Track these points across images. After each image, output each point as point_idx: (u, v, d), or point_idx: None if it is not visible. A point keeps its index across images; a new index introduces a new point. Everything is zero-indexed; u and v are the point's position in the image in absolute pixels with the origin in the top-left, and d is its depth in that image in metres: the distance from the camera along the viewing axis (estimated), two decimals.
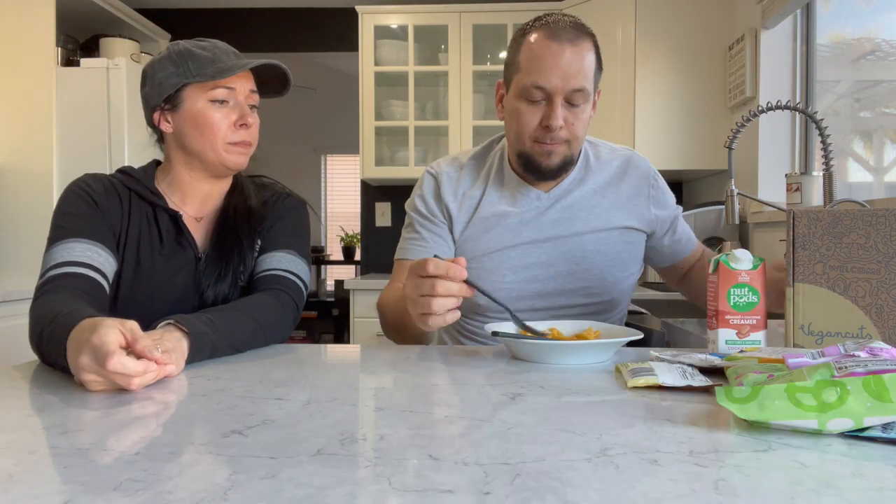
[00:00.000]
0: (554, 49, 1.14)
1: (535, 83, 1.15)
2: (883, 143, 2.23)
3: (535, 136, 1.19)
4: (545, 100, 1.16)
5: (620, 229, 1.29)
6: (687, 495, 0.44)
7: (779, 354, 0.71)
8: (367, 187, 3.70)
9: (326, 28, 3.86)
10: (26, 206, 2.83)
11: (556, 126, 1.16)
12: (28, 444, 0.55)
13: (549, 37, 1.15)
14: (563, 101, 1.16)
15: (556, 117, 1.15)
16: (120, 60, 2.89)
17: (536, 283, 1.26)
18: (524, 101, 1.18)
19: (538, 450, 0.53)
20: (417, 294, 0.91)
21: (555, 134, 1.17)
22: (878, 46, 2.23)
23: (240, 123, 1.16)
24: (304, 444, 0.55)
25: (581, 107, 1.17)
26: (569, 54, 1.14)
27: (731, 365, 0.75)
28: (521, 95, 1.17)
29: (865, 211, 0.84)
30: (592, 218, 1.28)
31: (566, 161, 1.22)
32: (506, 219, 1.27)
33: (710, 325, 0.96)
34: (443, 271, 0.89)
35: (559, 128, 1.16)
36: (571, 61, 1.14)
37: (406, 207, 1.38)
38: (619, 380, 0.80)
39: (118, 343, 0.75)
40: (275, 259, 1.18)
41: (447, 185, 1.32)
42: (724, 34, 2.82)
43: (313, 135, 6.70)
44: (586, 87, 1.15)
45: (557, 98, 1.15)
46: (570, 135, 1.18)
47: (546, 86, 1.14)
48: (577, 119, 1.18)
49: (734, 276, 0.92)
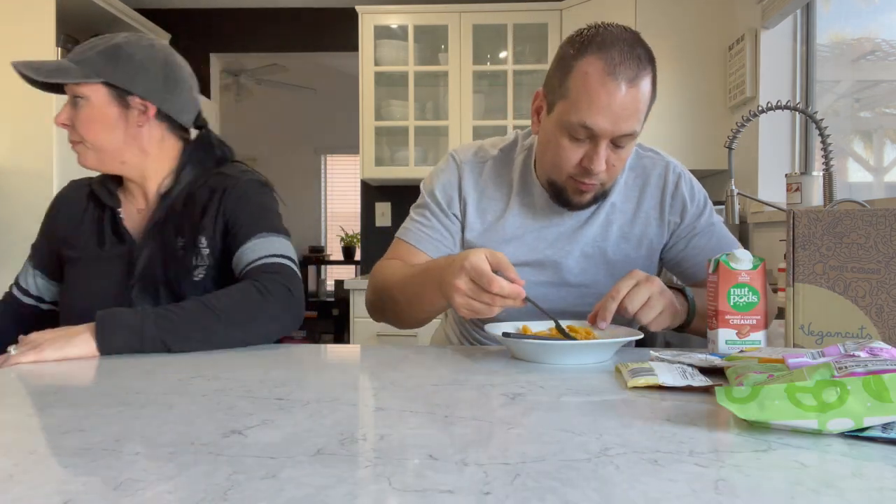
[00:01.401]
0: (610, 88, 1.01)
1: (582, 122, 1.04)
2: (883, 143, 2.23)
3: (572, 174, 1.11)
4: (589, 139, 1.06)
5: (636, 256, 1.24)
6: (687, 495, 0.44)
7: (779, 354, 0.71)
8: (367, 187, 3.70)
9: (326, 28, 3.86)
10: (26, 206, 2.83)
11: (597, 171, 1.07)
12: (28, 444, 0.55)
13: (608, 72, 1.02)
14: (608, 145, 1.07)
15: (599, 161, 1.06)
16: None
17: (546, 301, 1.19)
18: (567, 136, 1.07)
19: (538, 450, 0.53)
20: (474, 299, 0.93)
21: (594, 175, 1.09)
22: (878, 46, 2.23)
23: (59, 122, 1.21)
24: (304, 444, 0.55)
25: (626, 148, 1.09)
26: (625, 96, 1.02)
27: (731, 365, 0.75)
28: (565, 129, 1.07)
29: (865, 211, 0.84)
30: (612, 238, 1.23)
31: (598, 196, 1.16)
32: (525, 232, 1.23)
33: (709, 326, 0.96)
34: (506, 293, 0.91)
35: (601, 171, 1.08)
36: (626, 104, 1.02)
37: (422, 187, 1.31)
38: (618, 380, 0.80)
39: None
40: (249, 250, 1.13)
41: (469, 179, 1.25)
42: (724, 34, 2.82)
43: (313, 135, 6.71)
44: (637, 129, 1.06)
45: (603, 141, 1.05)
46: (609, 177, 1.12)
47: (594, 127, 1.03)
48: (620, 160, 1.10)
49: (734, 276, 0.92)
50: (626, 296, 0.96)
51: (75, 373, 0.85)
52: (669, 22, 2.82)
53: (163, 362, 0.91)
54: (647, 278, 0.98)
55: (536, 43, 3.28)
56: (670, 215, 1.24)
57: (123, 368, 0.88)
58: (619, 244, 1.23)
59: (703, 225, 1.24)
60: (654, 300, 0.97)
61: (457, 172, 1.26)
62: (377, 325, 2.90)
